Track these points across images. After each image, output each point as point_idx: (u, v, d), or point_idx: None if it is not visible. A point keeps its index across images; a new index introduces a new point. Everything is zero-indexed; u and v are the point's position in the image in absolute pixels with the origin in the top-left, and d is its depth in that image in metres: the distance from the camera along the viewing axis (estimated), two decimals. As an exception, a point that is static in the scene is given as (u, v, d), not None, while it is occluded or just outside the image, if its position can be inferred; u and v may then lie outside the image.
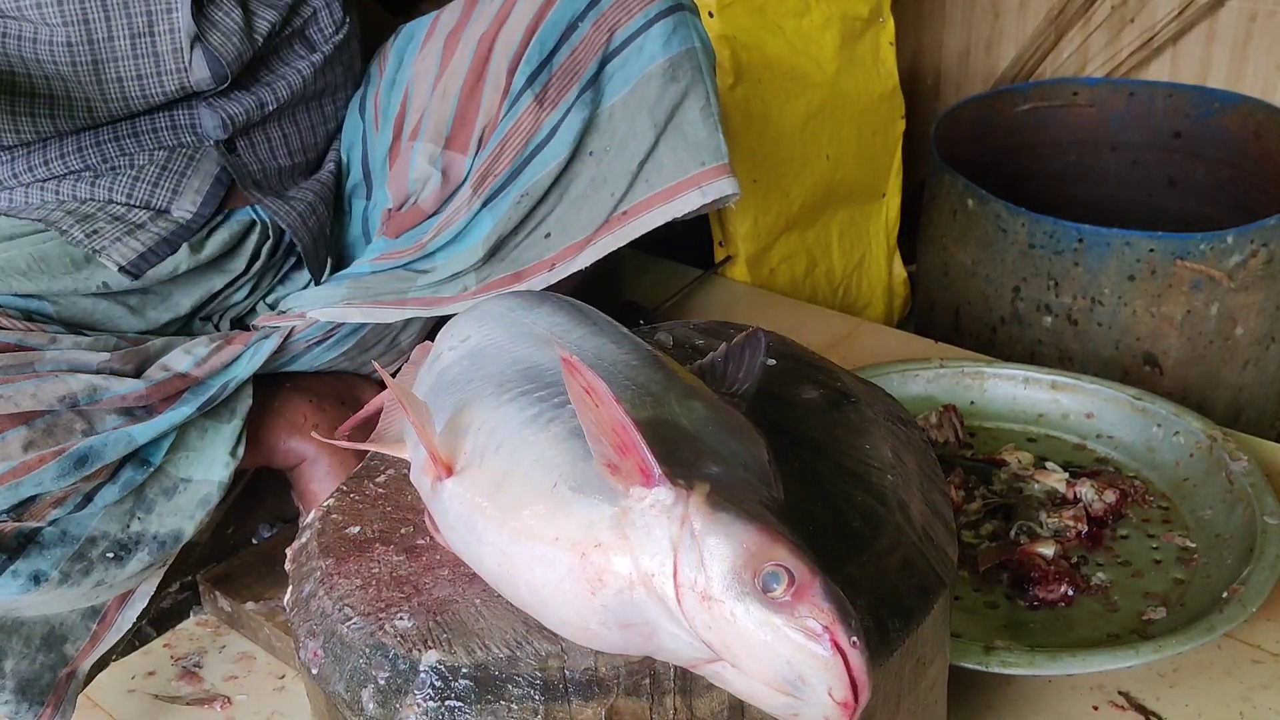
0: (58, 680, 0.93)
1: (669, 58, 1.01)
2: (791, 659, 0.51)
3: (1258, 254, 1.55)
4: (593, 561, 0.55)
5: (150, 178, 1.05)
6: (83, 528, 0.90)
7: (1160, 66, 1.98)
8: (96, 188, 1.05)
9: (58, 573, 0.88)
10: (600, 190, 1.03)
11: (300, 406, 1.10)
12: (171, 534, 0.95)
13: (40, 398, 0.87)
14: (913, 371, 1.33)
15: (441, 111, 1.08)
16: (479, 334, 0.74)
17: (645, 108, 1.01)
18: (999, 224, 1.65)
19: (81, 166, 1.05)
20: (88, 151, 1.05)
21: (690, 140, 1.02)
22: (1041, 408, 1.31)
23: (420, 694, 0.61)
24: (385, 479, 0.76)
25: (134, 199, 1.05)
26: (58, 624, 0.94)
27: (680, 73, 1.01)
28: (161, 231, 1.04)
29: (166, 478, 0.95)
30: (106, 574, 0.91)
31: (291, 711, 1.03)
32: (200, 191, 1.06)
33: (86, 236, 1.00)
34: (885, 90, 1.84)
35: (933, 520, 0.72)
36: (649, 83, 1.01)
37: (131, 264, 1.01)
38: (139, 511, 0.93)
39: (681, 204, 1.03)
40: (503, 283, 1.06)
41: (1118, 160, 1.96)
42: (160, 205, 1.05)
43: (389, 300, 1.06)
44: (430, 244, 1.05)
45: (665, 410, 0.62)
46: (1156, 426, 1.23)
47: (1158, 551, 1.12)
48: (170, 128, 1.06)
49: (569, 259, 1.05)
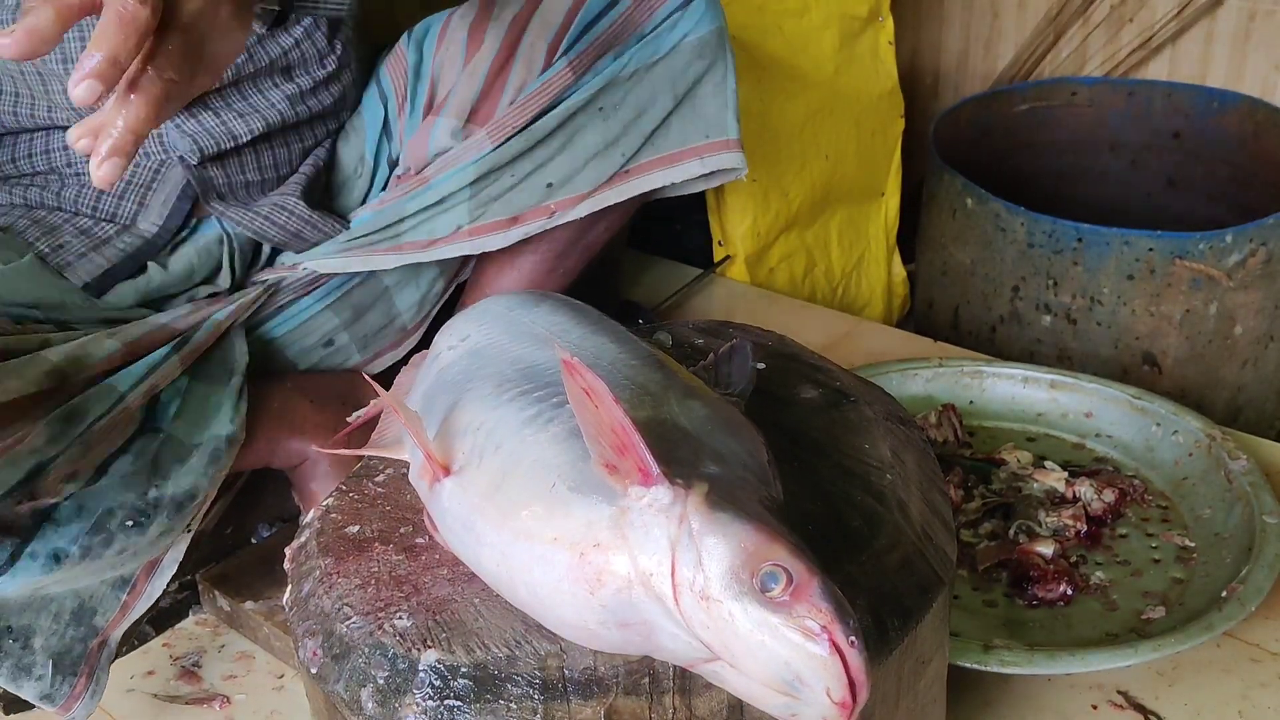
0: (89, 650, 0.92)
1: (700, 36, 1.06)
2: (789, 659, 0.51)
3: (1257, 253, 1.55)
4: (591, 561, 0.55)
5: (116, 190, 1.04)
6: (99, 500, 0.88)
7: (1159, 66, 1.98)
8: (63, 197, 1.04)
9: (78, 549, 0.87)
10: (613, 150, 1.06)
11: (300, 406, 1.10)
12: (187, 493, 0.94)
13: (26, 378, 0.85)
14: (912, 371, 1.34)
15: (468, 88, 1.08)
16: (478, 333, 0.74)
17: (669, 78, 1.06)
18: (998, 223, 1.65)
19: (47, 168, 1.04)
20: (54, 154, 1.04)
21: (701, 112, 1.07)
22: (1040, 407, 1.31)
23: (419, 693, 0.61)
24: (384, 478, 0.76)
25: (100, 212, 1.04)
26: (87, 597, 0.92)
27: (707, 50, 1.06)
28: (127, 247, 1.03)
29: (179, 445, 0.94)
30: (129, 541, 0.90)
31: (291, 711, 1.03)
32: (166, 204, 1.05)
33: (52, 251, 0.99)
34: (884, 90, 1.84)
35: (932, 519, 0.72)
36: (678, 55, 1.05)
37: (96, 280, 1.00)
38: (156, 479, 0.92)
39: (682, 170, 1.07)
40: (498, 225, 1.07)
41: (1117, 160, 1.96)
42: (126, 220, 1.05)
43: (384, 247, 1.08)
44: (434, 178, 1.07)
45: (664, 410, 0.62)
46: (1155, 426, 1.24)
47: (1157, 551, 1.12)
48: None
49: (568, 208, 1.07)
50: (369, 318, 1.16)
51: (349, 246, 1.09)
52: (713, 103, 1.07)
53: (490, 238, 1.07)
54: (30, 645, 0.89)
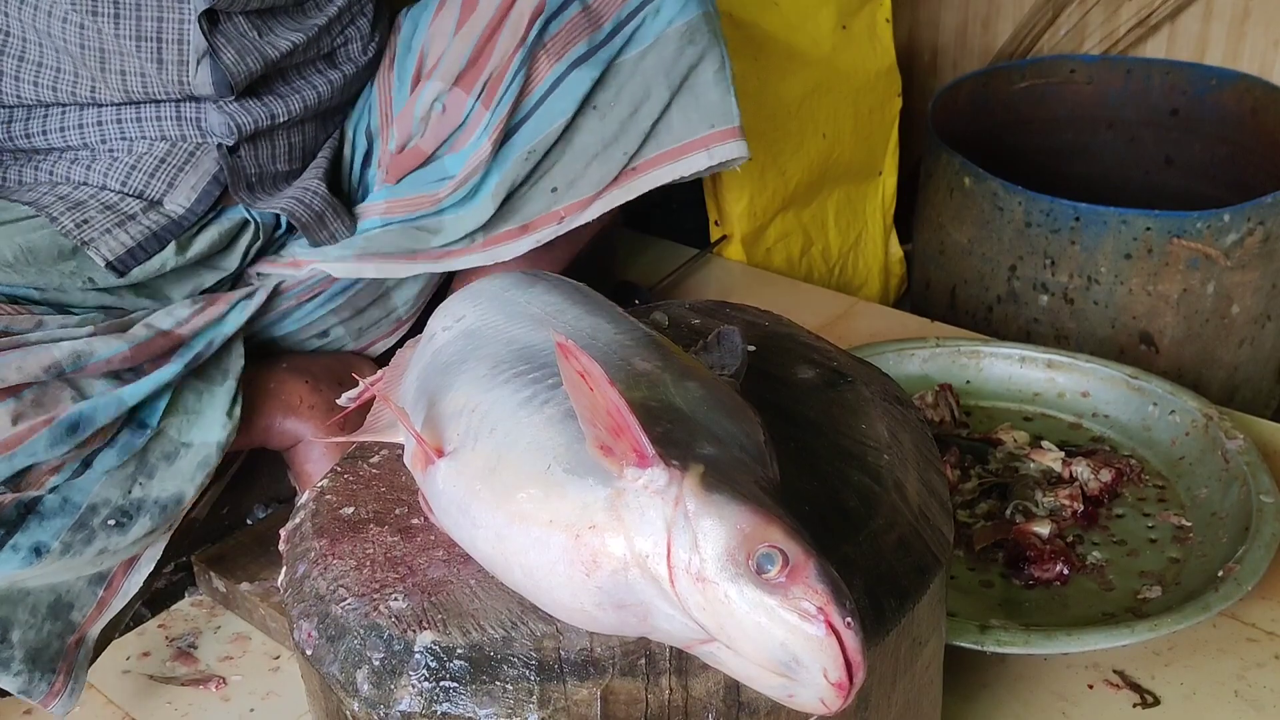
0: (66, 647, 0.93)
1: (686, 21, 1.03)
2: (786, 640, 0.51)
3: (1254, 232, 1.55)
4: (587, 543, 0.55)
5: (147, 167, 1.03)
6: (84, 494, 0.89)
7: (1157, 43, 1.97)
8: (92, 171, 1.03)
9: (59, 544, 0.87)
10: (613, 149, 1.05)
11: (296, 388, 1.10)
12: (173, 497, 0.94)
13: (26, 369, 0.86)
14: (909, 350, 1.33)
15: (458, 52, 1.07)
16: (473, 314, 0.74)
17: (661, 69, 1.03)
18: (995, 202, 1.64)
19: (80, 144, 1.03)
20: (88, 129, 1.03)
21: (703, 102, 1.05)
22: (1038, 386, 1.31)
23: (415, 675, 0.61)
24: (379, 459, 0.76)
25: (128, 187, 1.03)
26: (64, 591, 0.93)
27: (698, 35, 1.03)
28: (153, 225, 1.01)
29: (168, 441, 0.95)
30: (109, 541, 0.90)
31: (287, 692, 1.03)
32: (196, 188, 1.04)
33: (76, 226, 0.98)
34: (882, 67, 1.83)
35: (929, 500, 0.72)
36: (665, 44, 1.03)
37: (119, 259, 0.99)
38: (140, 477, 0.92)
39: (688, 164, 1.05)
40: (510, 235, 1.07)
41: (1115, 138, 1.96)
42: (154, 196, 1.03)
43: (400, 256, 1.07)
44: (446, 200, 1.06)
45: (660, 391, 0.62)
46: (1152, 405, 1.23)
47: (1153, 530, 1.12)
48: (175, 119, 1.04)
49: (577, 212, 1.07)
50: (367, 313, 1.15)
51: (363, 252, 1.08)
52: (714, 90, 1.05)
53: (503, 247, 1.08)
54: (9, 639, 0.89)
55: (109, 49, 0.98)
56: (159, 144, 1.04)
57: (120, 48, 0.98)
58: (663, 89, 1.04)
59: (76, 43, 0.97)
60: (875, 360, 1.25)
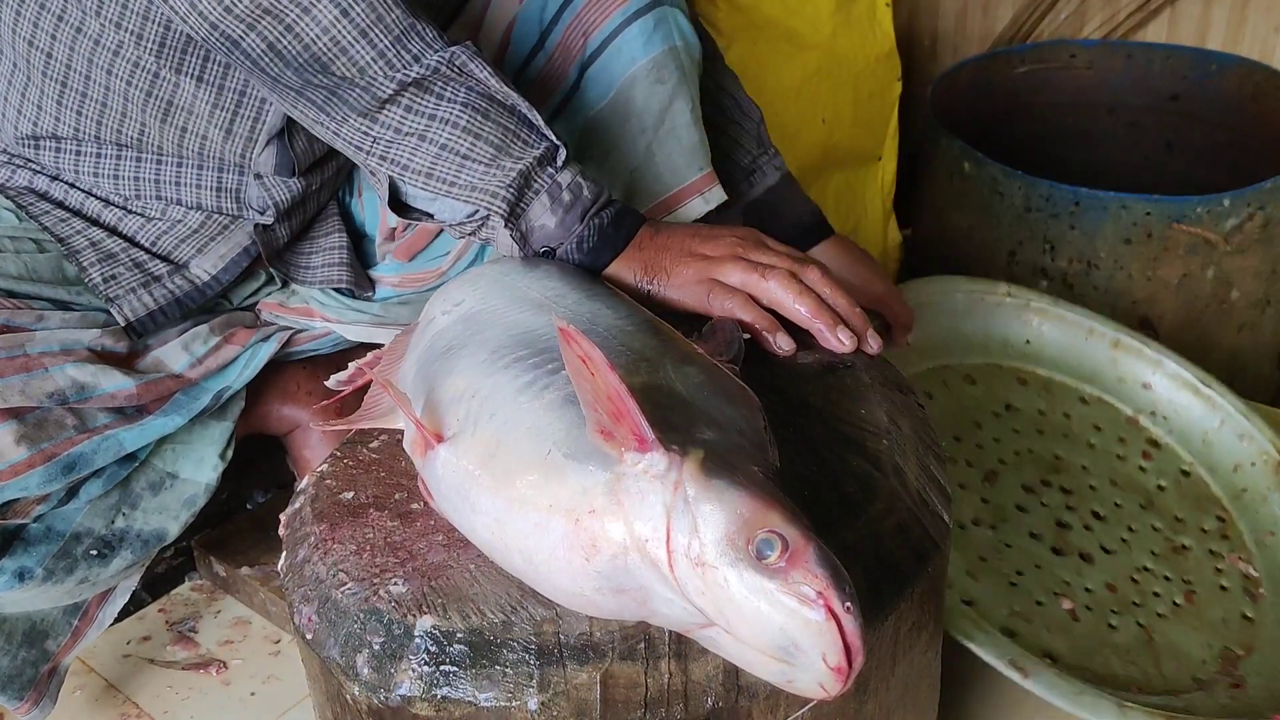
0: (39, 676, 0.94)
1: (651, 58, 0.95)
2: (785, 625, 0.51)
3: (1254, 217, 1.55)
4: (587, 528, 0.55)
5: (179, 234, 1.01)
6: (68, 523, 0.90)
7: (1158, 28, 1.96)
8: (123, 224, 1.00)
9: (42, 570, 0.88)
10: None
11: (295, 374, 1.10)
12: (155, 533, 0.95)
13: (29, 394, 0.86)
14: (978, 295, 1.22)
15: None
16: (473, 298, 0.74)
17: (632, 114, 0.96)
18: (995, 187, 1.64)
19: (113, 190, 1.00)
20: (124, 180, 1.00)
21: (685, 145, 0.98)
22: (1098, 365, 1.21)
23: (415, 659, 0.61)
24: (379, 444, 0.76)
25: (157, 248, 1.00)
26: (39, 620, 0.94)
27: (665, 74, 0.96)
28: (176, 290, 0.99)
29: (153, 470, 0.95)
30: (90, 572, 0.91)
31: (287, 676, 1.04)
32: (225, 258, 1.01)
33: (104, 281, 0.95)
34: (882, 52, 1.82)
35: (928, 485, 0.72)
36: (632, 87, 0.96)
37: (139, 321, 0.96)
38: (124, 507, 0.93)
39: (685, 212, 0.99)
40: None
41: (1115, 123, 1.95)
42: (181, 260, 1.01)
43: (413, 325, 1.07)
44: (449, 272, 1.05)
45: (660, 376, 0.62)
46: (1220, 421, 1.14)
47: (1222, 576, 1.02)
48: (215, 188, 1.01)
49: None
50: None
51: (379, 321, 1.07)
52: (694, 132, 0.98)
53: None
54: None
55: (179, 105, 0.95)
56: (194, 214, 1.01)
57: (193, 107, 0.95)
58: (636, 134, 0.97)
59: (142, 89, 0.94)
60: (943, 301, 1.17)
